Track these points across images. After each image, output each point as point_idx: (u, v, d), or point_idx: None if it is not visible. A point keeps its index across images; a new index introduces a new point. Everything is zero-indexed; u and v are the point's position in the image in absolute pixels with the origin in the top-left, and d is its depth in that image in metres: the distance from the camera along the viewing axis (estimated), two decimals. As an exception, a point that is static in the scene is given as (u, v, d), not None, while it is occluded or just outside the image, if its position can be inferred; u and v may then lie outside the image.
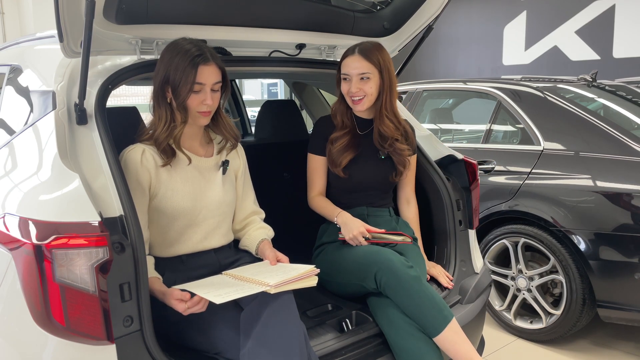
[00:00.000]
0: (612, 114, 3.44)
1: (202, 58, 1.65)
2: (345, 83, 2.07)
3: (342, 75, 2.08)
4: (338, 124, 2.13)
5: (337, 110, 2.14)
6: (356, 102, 2.06)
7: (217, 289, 1.51)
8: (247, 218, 1.94)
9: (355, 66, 2.03)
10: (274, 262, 1.74)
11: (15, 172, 1.63)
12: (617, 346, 3.08)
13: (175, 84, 1.65)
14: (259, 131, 2.85)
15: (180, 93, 1.65)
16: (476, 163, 2.34)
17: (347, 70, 2.04)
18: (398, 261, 1.83)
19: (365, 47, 2.05)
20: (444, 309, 1.76)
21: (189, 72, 1.63)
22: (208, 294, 1.47)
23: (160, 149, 1.69)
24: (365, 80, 2.03)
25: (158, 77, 1.68)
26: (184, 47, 1.66)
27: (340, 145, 2.08)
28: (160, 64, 1.68)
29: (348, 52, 2.07)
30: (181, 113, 1.68)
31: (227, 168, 1.84)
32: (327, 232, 2.13)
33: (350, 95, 2.05)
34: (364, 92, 2.03)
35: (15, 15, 7.66)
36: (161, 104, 1.69)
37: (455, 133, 4.21)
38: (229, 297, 1.44)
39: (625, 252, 2.70)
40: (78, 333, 1.34)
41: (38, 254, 1.31)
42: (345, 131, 2.11)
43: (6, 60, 2.14)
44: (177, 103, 1.67)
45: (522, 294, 3.10)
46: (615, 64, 7.17)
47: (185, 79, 1.63)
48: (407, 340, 1.74)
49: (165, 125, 1.68)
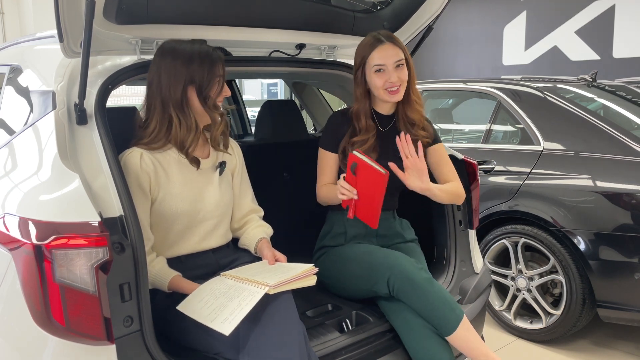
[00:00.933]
0: (612, 114, 3.44)
1: (217, 54, 1.70)
2: (380, 75, 1.96)
3: (376, 67, 1.95)
4: (362, 127, 2.01)
5: (362, 110, 2.02)
6: (394, 92, 1.97)
7: (221, 309, 1.48)
8: (246, 216, 1.94)
9: (391, 54, 1.95)
10: (272, 261, 1.74)
11: (15, 172, 1.63)
12: (617, 346, 3.08)
13: (202, 82, 1.66)
14: (259, 131, 2.85)
15: (210, 90, 1.68)
16: (476, 163, 2.33)
17: (383, 61, 1.95)
18: (409, 264, 1.83)
19: (388, 34, 1.99)
20: (455, 308, 1.77)
21: (214, 67, 1.67)
22: (214, 322, 1.44)
23: (189, 158, 1.71)
24: (401, 67, 1.96)
25: (183, 81, 1.66)
26: (194, 47, 1.68)
27: (366, 148, 1.97)
28: (176, 67, 1.65)
29: (374, 43, 1.97)
30: (213, 111, 1.71)
31: (224, 169, 1.84)
32: (329, 235, 2.12)
33: (389, 87, 1.96)
34: (401, 80, 1.96)
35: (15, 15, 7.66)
36: (184, 109, 1.68)
37: (455, 133, 4.21)
38: (236, 320, 1.42)
39: (625, 252, 2.70)
40: (78, 333, 1.34)
41: (38, 254, 1.31)
42: (371, 134, 2.01)
43: (6, 60, 2.14)
44: (209, 102, 1.69)
45: (522, 294, 3.10)
46: (615, 64, 7.17)
47: (211, 76, 1.67)
48: (423, 341, 1.76)
49: (187, 130, 1.69)
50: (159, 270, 1.65)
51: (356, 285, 1.94)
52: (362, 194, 1.80)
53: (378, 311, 1.93)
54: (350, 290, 1.99)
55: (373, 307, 1.95)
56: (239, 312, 1.44)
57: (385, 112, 2.09)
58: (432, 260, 2.25)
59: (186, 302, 1.56)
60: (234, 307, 1.46)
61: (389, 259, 1.86)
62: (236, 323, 1.42)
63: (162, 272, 1.65)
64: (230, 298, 1.51)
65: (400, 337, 1.83)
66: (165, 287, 1.64)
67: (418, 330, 1.77)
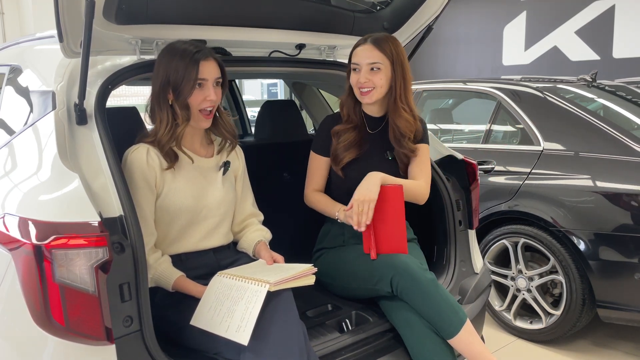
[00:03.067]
0: (612, 114, 3.44)
1: (201, 54, 1.67)
2: (354, 74, 1.99)
3: (352, 66, 2.00)
4: (344, 116, 2.07)
5: (345, 102, 2.07)
6: (364, 94, 1.98)
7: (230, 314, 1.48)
8: (246, 220, 1.94)
9: (366, 55, 1.96)
10: (270, 261, 1.74)
11: (15, 172, 1.63)
12: (617, 346, 3.08)
13: (177, 83, 1.66)
14: (259, 131, 2.85)
15: (183, 91, 1.66)
16: (476, 163, 2.33)
17: (357, 60, 1.97)
18: (414, 264, 1.83)
19: (377, 37, 1.99)
20: (459, 311, 1.77)
21: (191, 69, 1.64)
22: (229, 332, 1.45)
23: (163, 152, 1.70)
24: (375, 71, 1.96)
25: (158, 80, 1.68)
26: (181, 48, 1.68)
27: (346, 142, 2.02)
28: (158, 67, 1.69)
29: (360, 42, 2.00)
30: (183, 112, 1.69)
31: (228, 169, 1.84)
32: (329, 236, 2.12)
33: (359, 86, 1.98)
34: (373, 84, 1.96)
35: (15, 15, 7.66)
36: (162, 107, 1.70)
37: (455, 133, 4.21)
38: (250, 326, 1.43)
39: (625, 252, 2.70)
40: (78, 333, 1.34)
41: (38, 254, 1.31)
42: (350, 126, 2.04)
43: (6, 60, 2.14)
44: (180, 102, 1.67)
45: (522, 294, 3.10)
46: (615, 64, 7.17)
47: (187, 77, 1.64)
48: (425, 342, 1.76)
49: (167, 127, 1.69)
50: (164, 269, 1.65)
51: (357, 283, 1.94)
52: (380, 226, 1.85)
53: (378, 311, 1.93)
54: (350, 289, 1.99)
55: (373, 307, 1.95)
56: (248, 316, 1.45)
57: (373, 114, 2.10)
58: (432, 260, 2.25)
59: (197, 315, 1.56)
60: (242, 312, 1.47)
61: (393, 257, 1.86)
62: (250, 329, 1.43)
63: (167, 272, 1.65)
64: (235, 301, 1.51)
65: (401, 336, 1.82)
66: (170, 287, 1.65)
67: (420, 330, 1.77)
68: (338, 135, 2.05)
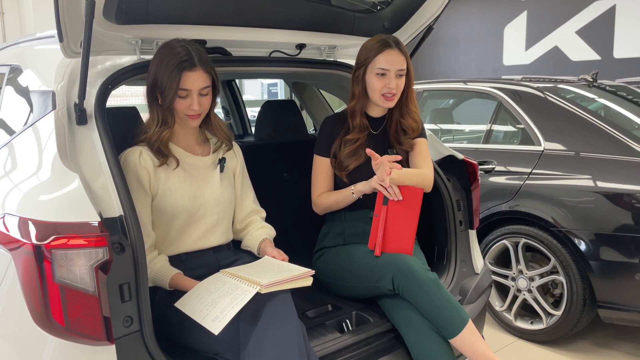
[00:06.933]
0: (613, 114, 3.44)
1: (188, 64, 1.64)
2: (381, 78, 1.96)
3: (380, 70, 1.95)
4: (356, 126, 2.02)
5: (357, 110, 2.03)
6: (389, 99, 1.97)
7: (213, 304, 1.49)
8: (248, 217, 1.94)
9: (397, 61, 1.95)
10: (280, 257, 1.74)
11: (15, 172, 1.63)
12: (618, 347, 3.07)
13: (162, 87, 1.66)
14: (259, 131, 2.84)
15: (167, 96, 1.66)
16: (476, 163, 2.33)
17: (387, 66, 1.94)
18: (416, 263, 1.83)
19: (397, 41, 1.98)
20: (461, 311, 1.77)
21: (173, 78, 1.63)
22: (205, 320, 1.46)
23: (153, 150, 1.70)
24: (401, 77, 1.97)
25: (149, 79, 1.69)
26: (175, 50, 1.66)
27: (353, 148, 2.00)
28: (152, 65, 1.69)
29: (384, 46, 1.96)
30: (170, 115, 1.70)
31: (224, 165, 1.84)
32: (329, 235, 2.12)
33: (386, 92, 1.96)
34: (399, 89, 1.97)
35: (15, 15, 7.66)
36: (153, 105, 1.71)
37: (455, 133, 4.21)
38: (226, 319, 1.43)
39: (625, 252, 2.69)
40: (78, 333, 1.34)
41: (38, 254, 1.31)
42: (362, 134, 2.02)
43: (6, 60, 2.14)
44: (164, 106, 1.68)
45: (523, 295, 3.10)
46: (616, 64, 7.16)
47: (170, 84, 1.64)
48: (426, 341, 1.76)
49: (157, 126, 1.70)
50: (161, 268, 1.65)
51: (358, 282, 1.93)
52: (392, 223, 1.87)
53: (378, 311, 1.93)
54: (351, 288, 1.98)
55: (373, 307, 1.95)
56: (229, 310, 1.45)
57: (377, 115, 2.11)
58: (432, 260, 2.24)
59: (183, 299, 1.57)
60: (225, 305, 1.47)
61: (395, 256, 1.86)
62: (225, 322, 1.42)
63: (163, 270, 1.65)
64: (222, 295, 1.51)
65: (402, 335, 1.82)
66: (167, 285, 1.65)
67: (420, 329, 1.77)
68: (346, 143, 2.03)
